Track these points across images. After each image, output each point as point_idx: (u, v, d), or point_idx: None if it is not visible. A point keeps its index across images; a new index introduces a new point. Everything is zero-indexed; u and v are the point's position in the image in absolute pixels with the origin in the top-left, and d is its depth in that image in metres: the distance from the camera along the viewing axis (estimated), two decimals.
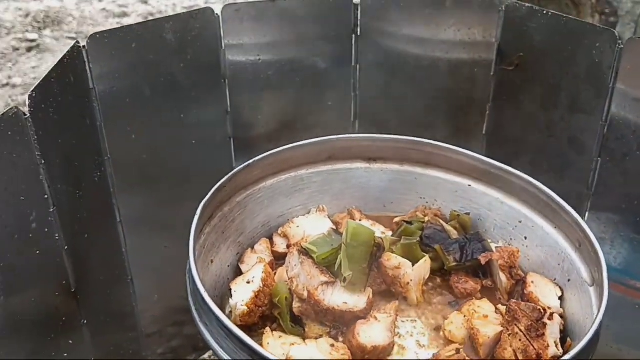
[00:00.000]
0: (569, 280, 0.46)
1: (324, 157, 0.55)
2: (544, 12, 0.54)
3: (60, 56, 1.30)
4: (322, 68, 0.61)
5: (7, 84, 1.27)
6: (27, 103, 0.40)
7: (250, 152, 0.54)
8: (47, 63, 1.39)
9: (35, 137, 0.40)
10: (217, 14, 0.58)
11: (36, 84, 0.42)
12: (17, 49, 1.45)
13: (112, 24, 1.67)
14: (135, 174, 0.56)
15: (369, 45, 0.60)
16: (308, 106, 0.62)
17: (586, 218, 0.56)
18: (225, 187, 0.49)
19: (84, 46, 0.50)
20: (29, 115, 0.40)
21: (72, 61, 0.48)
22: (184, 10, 1.80)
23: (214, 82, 0.58)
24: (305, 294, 0.44)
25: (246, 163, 0.50)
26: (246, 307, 0.44)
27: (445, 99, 0.62)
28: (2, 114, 0.38)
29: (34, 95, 0.40)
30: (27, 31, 1.57)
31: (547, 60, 0.56)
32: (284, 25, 0.59)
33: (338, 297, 0.44)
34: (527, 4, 0.55)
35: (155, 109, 0.56)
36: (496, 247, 0.49)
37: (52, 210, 0.42)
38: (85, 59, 0.50)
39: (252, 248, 0.52)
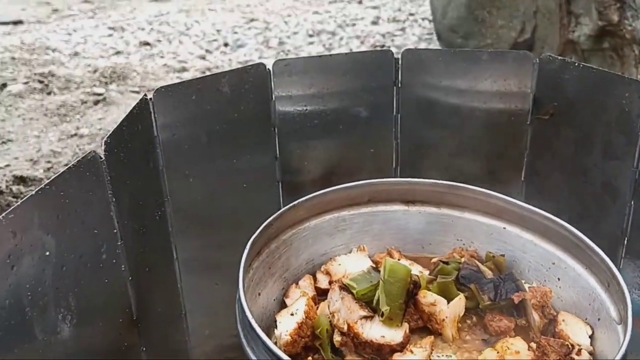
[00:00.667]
0: (599, 319, 0.47)
1: (364, 200, 0.58)
2: (576, 64, 0.57)
3: (125, 108, 1.41)
4: (364, 117, 0.65)
5: (76, 134, 1.37)
6: (103, 148, 0.46)
7: (296, 195, 0.58)
8: (112, 115, 1.50)
9: (109, 177, 0.45)
10: (268, 69, 0.64)
11: (110, 131, 0.48)
12: (85, 102, 1.57)
13: (172, 78, 1.79)
14: (191, 214, 0.61)
15: (409, 95, 0.65)
16: (351, 152, 0.67)
17: (621, 262, 0.57)
18: (272, 225, 0.53)
19: (150, 98, 0.57)
20: (104, 158, 0.45)
21: (140, 112, 0.54)
22: (239, 65, 1.91)
23: (264, 130, 0.63)
24: (345, 327, 0.47)
25: (292, 204, 0.55)
26: (289, 337, 0.47)
27: (484, 147, 0.65)
28: (82, 157, 0.43)
29: (109, 141, 0.46)
30: (94, 85, 1.70)
31: (580, 109, 0.58)
32: (329, 78, 0.64)
33: (376, 331, 0.47)
34: (559, 57, 0.59)
35: (210, 155, 0.61)
36: (529, 287, 0.50)
37: (119, 243, 0.47)
38: (151, 110, 0.56)
39: (297, 284, 0.56)
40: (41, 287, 0.38)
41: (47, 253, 0.38)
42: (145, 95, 0.56)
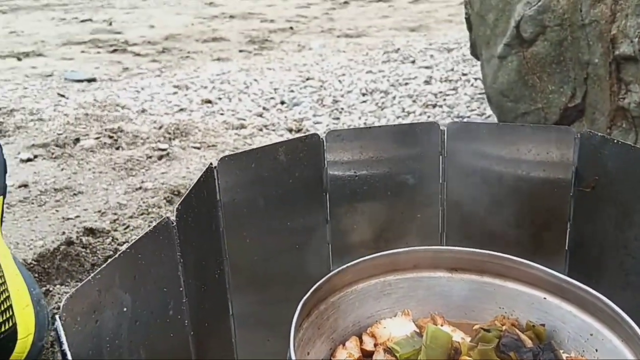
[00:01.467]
0: None
1: (409, 266, 0.62)
2: (615, 140, 0.59)
3: (186, 163, 1.49)
4: (411, 184, 0.69)
5: (140, 187, 1.47)
6: (175, 214, 0.52)
7: (345, 256, 0.62)
8: (174, 169, 1.59)
9: (178, 240, 0.51)
10: (322, 139, 0.69)
11: (181, 199, 0.53)
12: (150, 157, 1.67)
13: (231, 134, 1.89)
14: (247, 272, 0.66)
15: (454, 164, 0.68)
16: (398, 217, 0.70)
17: None
18: (322, 288, 0.57)
19: (215, 167, 0.63)
20: (175, 223, 0.51)
21: (206, 179, 0.60)
22: (294, 122, 1.99)
23: (316, 195, 0.68)
24: None
25: (340, 268, 0.59)
26: None
27: (527, 216, 0.68)
28: (157, 223, 0.49)
29: (180, 208, 0.52)
30: (159, 141, 1.81)
31: (620, 183, 0.60)
32: (378, 147, 0.68)
33: None
34: (599, 133, 0.61)
35: (266, 217, 0.66)
36: (567, 357, 0.52)
37: (184, 300, 0.52)
38: (216, 177, 0.62)
39: (343, 345, 0.59)
40: (118, 340, 0.43)
41: (125, 309, 0.43)
42: (211, 164, 0.62)
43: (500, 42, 1.33)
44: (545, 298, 0.57)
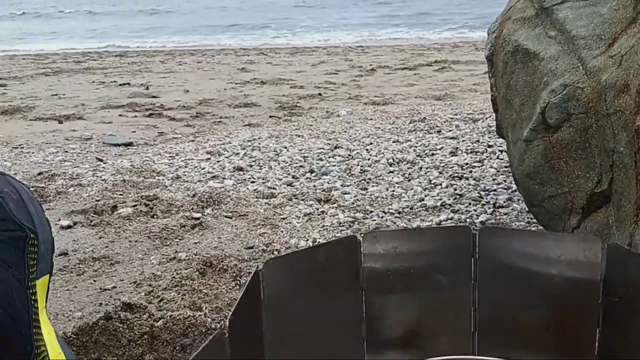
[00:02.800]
0: None
1: None
2: (638, 254, 0.62)
3: (218, 233, 1.54)
4: (444, 283, 0.72)
5: (174, 258, 1.51)
6: (227, 324, 0.55)
7: (379, 351, 0.64)
8: (207, 239, 1.64)
9: (230, 350, 0.54)
10: (359, 239, 0.73)
11: (233, 309, 0.57)
12: (184, 226, 1.73)
13: (262, 204, 1.94)
14: None
15: (486, 267, 0.71)
16: (432, 315, 0.73)
17: None
18: None
19: (261, 270, 0.67)
20: (227, 335, 0.54)
21: (253, 283, 0.64)
22: (323, 193, 2.02)
23: (353, 293, 0.71)
24: None
25: None
26: None
27: (557, 320, 0.70)
28: (211, 340, 0.53)
29: (232, 319, 0.56)
30: (192, 210, 1.87)
31: None
32: (412, 247, 0.72)
33: None
34: (625, 247, 0.64)
35: (306, 315, 0.69)
36: None
37: None
38: (261, 279, 0.66)
39: None
40: None
41: None
42: (258, 267, 0.66)
43: (526, 126, 1.37)
44: None
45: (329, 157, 2.50)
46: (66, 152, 2.76)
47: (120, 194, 2.03)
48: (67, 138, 3.08)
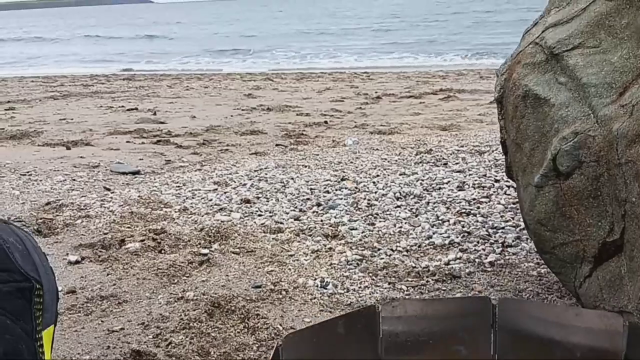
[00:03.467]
0: None
1: None
2: None
3: (226, 270, 1.53)
4: (464, 354, 0.71)
5: (182, 298, 1.51)
6: None
7: None
8: (214, 277, 1.64)
9: None
10: (378, 310, 0.73)
11: None
12: (191, 263, 1.72)
13: (269, 239, 1.94)
14: None
15: (505, 338, 0.71)
16: None
17: None
18: None
19: (280, 344, 0.66)
20: None
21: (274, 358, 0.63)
22: (331, 228, 2.02)
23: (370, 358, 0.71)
24: None
25: None
26: None
27: None
28: None
29: None
30: (200, 244, 1.87)
31: None
32: (431, 318, 0.71)
33: None
34: None
35: None
36: None
37: None
38: (280, 353, 0.65)
39: None
40: None
41: None
42: (278, 343, 0.66)
43: (537, 171, 1.37)
44: None
45: (336, 190, 2.50)
46: (74, 180, 2.77)
47: (128, 227, 2.03)
48: (75, 165, 3.10)
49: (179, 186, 2.63)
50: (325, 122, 4.36)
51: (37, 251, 0.92)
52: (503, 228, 2.03)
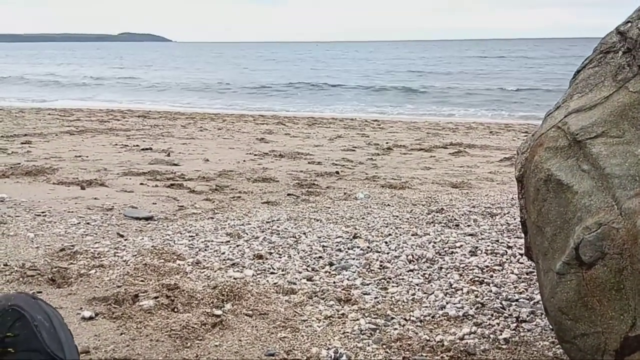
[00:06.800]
0: None
1: None
2: None
3: (238, 334, 1.53)
4: None
5: None
6: None
7: None
8: (227, 342, 1.63)
9: None
10: None
11: None
12: (205, 324, 1.71)
13: (282, 301, 1.93)
14: None
15: None
16: None
17: None
18: None
19: None
20: None
21: None
22: (342, 291, 2.00)
23: None
24: None
25: None
26: None
27: None
28: None
29: None
30: (212, 304, 1.86)
31: None
32: None
33: None
34: None
35: None
36: None
37: None
38: None
39: None
40: None
41: None
42: None
43: (559, 257, 1.37)
44: None
45: (348, 249, 2.51)
46: (88, 224, 2.79)
47: (142, 281, 2.03)
48: (89, 207, 3.12)
49: (191, 236, 2.64)
50: (337, 172, 4.40)
51: (64, 328, 0.94)
52: (517, 300, 2.01)
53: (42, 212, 2.95)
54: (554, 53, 42.26)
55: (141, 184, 3.80)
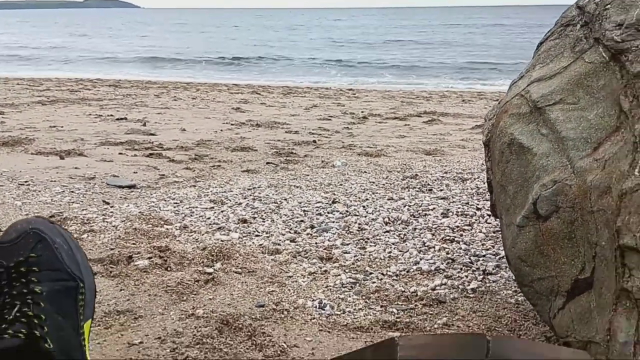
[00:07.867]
0: None
1: None
2: None
3: (230, 289, 1.69)
4: None
5: (193, 314, 1.63)
6: None
7: None
8: (220, 296, 1.76)
9: None
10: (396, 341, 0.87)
11: None
12: (198, 281, 1.84)
13: (268, 260, 2.07)
14: None
15: None
16: None
17: None
18: None
19: None
20: None
21: None
22: (325, 251, 2.14)
23: None
24: None
25: None
26: None
27: None
28: None
29: None
30: (203, 263, 1.99)
31: None
32: (437, 351, 0.86)
33: None
34: None
35: None
36: None
37: None
38: None
39: None
40: None
41: None
42: None
43: (519, 212, 1.53)
44: None
45: (328, 213, 2.64)
46: (72, 192, 2.86)
47: (133, 243, 2.14)
48: (71, 176, 3.18)
49: (176, 203, 2.73)
50: (314, 141, 4.50)
51: (80, 251, 1.01)
52: (484, 256, 2.19)
53: (25, 182, 3.00)
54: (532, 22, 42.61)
55: (120, 153, 3.85)
